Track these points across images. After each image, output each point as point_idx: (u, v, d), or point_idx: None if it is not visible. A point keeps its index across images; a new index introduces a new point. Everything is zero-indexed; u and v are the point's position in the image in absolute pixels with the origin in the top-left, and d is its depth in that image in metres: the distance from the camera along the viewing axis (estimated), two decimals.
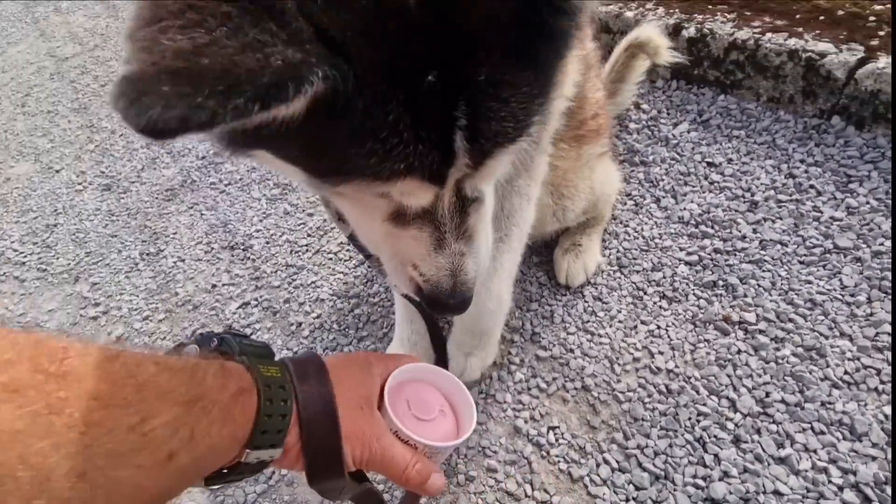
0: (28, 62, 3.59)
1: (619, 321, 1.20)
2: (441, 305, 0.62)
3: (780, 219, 1.29)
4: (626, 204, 1.45)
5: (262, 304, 1.46)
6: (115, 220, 1.96)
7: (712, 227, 1.32)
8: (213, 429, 0.42)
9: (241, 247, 1.67)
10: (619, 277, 1.28)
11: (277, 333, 1.37)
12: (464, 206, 0.58)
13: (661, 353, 1.12)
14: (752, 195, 1.35)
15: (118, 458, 0.36)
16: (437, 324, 1.00)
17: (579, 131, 1.11)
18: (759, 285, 1.17)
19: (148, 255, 1.76)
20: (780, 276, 1.18)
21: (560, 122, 0.93)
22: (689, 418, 1.01)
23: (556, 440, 1.03)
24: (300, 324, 1.37)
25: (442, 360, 1.05)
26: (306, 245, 1.61)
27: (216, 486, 0.50)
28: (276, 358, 0.56)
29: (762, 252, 1.23)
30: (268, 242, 1.66)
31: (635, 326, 1.18)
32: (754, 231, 1.28)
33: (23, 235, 2.00)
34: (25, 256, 1.90)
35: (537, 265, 1.36)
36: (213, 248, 1.71)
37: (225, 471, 0.47)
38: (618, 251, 1.34)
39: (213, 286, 1.57)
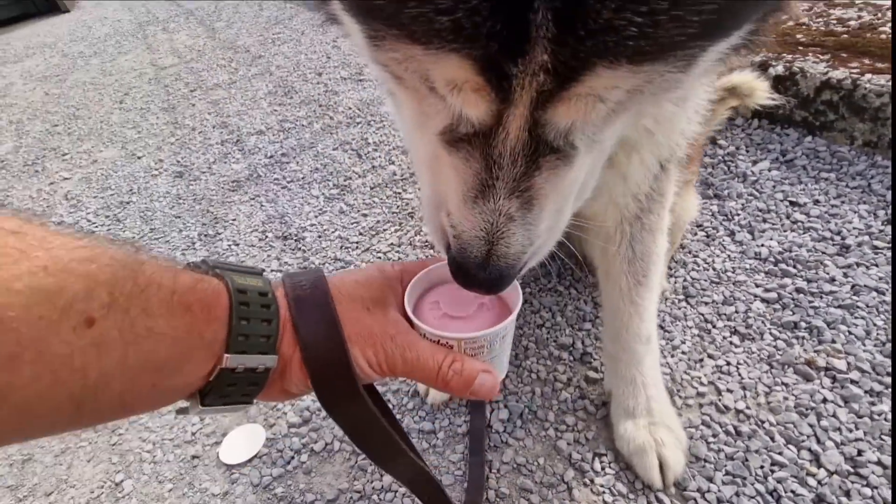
0: (132, 68, 3.97)
1: (683, 352, 1.08)
2: (465, 275, 0.46)
3: (877, 266, 1.15)
4: (696, 234, 1.35)
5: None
6: (181, 203, 2.04)
7: (794, 267, 1.20)
8: (155, 308, 0.38)
9: (294, 238, 1.69)
10: (685, 307, 1.18)
11: None
12: (536, 152, 0.40)
13: (729, 391, 0.99)
14: (843, 238, 1.23)
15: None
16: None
17: None
18: (850, 332, 1.04)
19: (206, 236, 1.80)
20: (875, 325, 1.04)
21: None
22: (762, 466, 0.87)
23: (603, 469, 0.92)
24: None
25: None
26: (357, 242, 1.61)
27: (213, 407, 0.44)
28: None
29: (854, 297, 1.09)
30: (320, 236, 1.67)
31: (701, 360, 1.06)
32: (845, 275, 1.15)
33: (98, 209, 2.12)
34: (97, 226, 2.00)
35: (594, 285, 1.28)
36: (267, 237, 1.73)
37: (212, 379, 0.42)
38: (685, 280, 1.23)
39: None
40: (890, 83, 1.33)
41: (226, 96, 2.97)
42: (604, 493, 0.88)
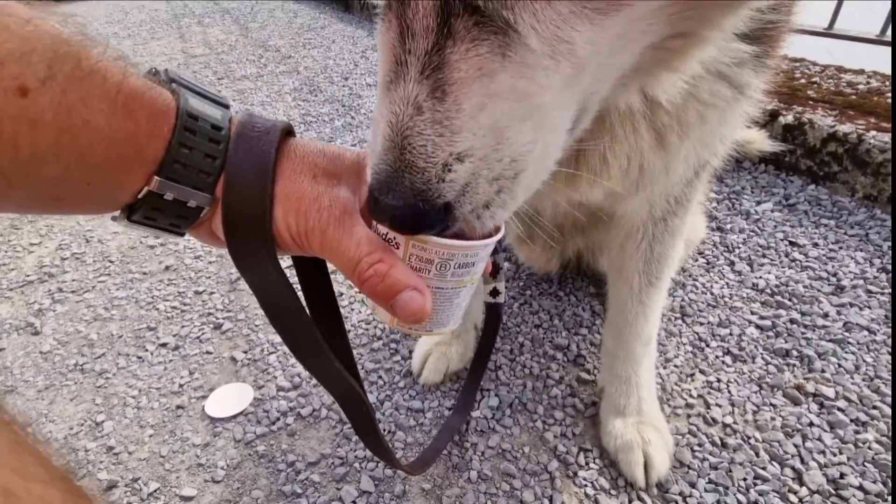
0: (163, 52, 4.07)
1: (676, 365, 1.10)
2: (373, 200, 0.37)
3: (870, 308, 1.18)
4: (697, 260, 1.38)
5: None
6: None
7: (790, 300, 1.22)
8: (95, 101, 0.35)
9: None
10: (681, 325, 1.20)
11: None
12: (447, 11, 0.32)
13: (718, 405, 1.00)
14: (839, 280, 1.26)
15: None
16: (495, 328, 0.92)
17: None
18: (840, 365, 1.06)
19: None
20: (865, 361, 1.06)
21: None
22: (745, 479, 0.88)
23: (587, 463, 0.92)
24: (341, 294, 1.35)
25: (479, 367, 0.99)
26: None
27: (139, 223, 0.41)
28: None
29: (846, 334, 1.12)
30: None
31: (692, 374, 1.07)
32: (838, 312, 1.18)
33: None
34: None
35: (593, 295, 1.30)
36: None
37: (140, 197, 0.40)
38: (682, 300, 1.26)
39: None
40: (892, 141, 1.40)
41: (252, 87, 3.04)
42: (586, 486, 0.88)
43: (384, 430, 0.99)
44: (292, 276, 0.51)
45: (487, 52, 0.33)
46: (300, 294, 0.49)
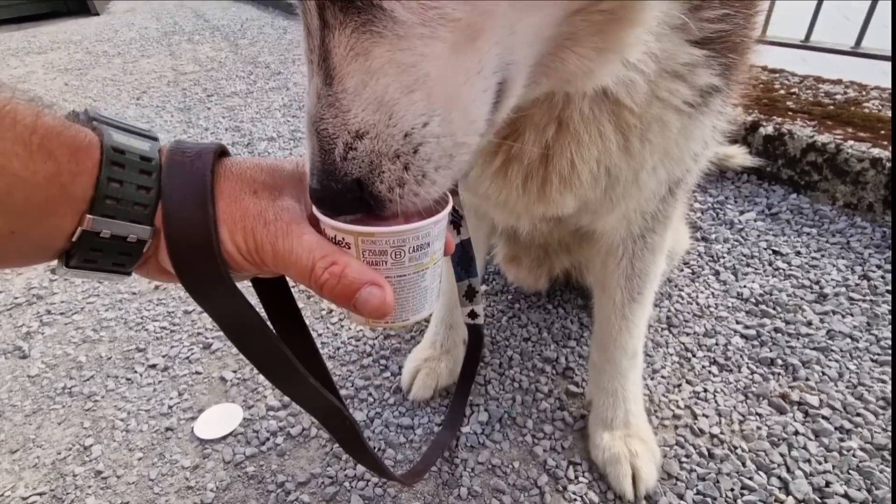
0: (153, 70, 4.09)
1: (663, 376, 1.11)
2: (309, 190, 0.41)
3: (852, 315, 1.20)
4: (682, 271, 1.40)
5: (299, 285, 1.46)
6: None
7: (774, 308, 1.24)
8: (8, 145, 0.34)
9: None
10: (667, 335, 1.21)
11: (307, 315, 1.35)
12: (322, 10, 0.36)
13: (705, 416, 1.01)
14: (822, 288, 1.28)
15: None
16: (478, 345, 0.94)
17: None
18: (824, 373, 1.07)
19: None
20: (848, 368, 1.08)
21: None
22: (732, 489, 0.88)
23: (576, 477, 0.92)
24: (331, 310, 1.35)
25: (465, 385, 0.99)
26: None
27: (79, 269, 0.40)
28: None
29: (829, 342, 1.14)
30: None
31: (679, 385, 1.09)
32: (822, 320, 1.20)
33: None
34: None
35: (581, 307, 1.31)
36: None
37: (75, 239, 0.38)
38: (669, 311, 1.27)
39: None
40: (870, 149, 1.43)
41: (241, 104, 3.06)
42: (576, 500, 0.89)
43: (374, 448, 0.99)
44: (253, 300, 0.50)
45: (355, 32, 0.35)
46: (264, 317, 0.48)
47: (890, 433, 0.95)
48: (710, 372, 1.11)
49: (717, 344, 1.17)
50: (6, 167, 0.34)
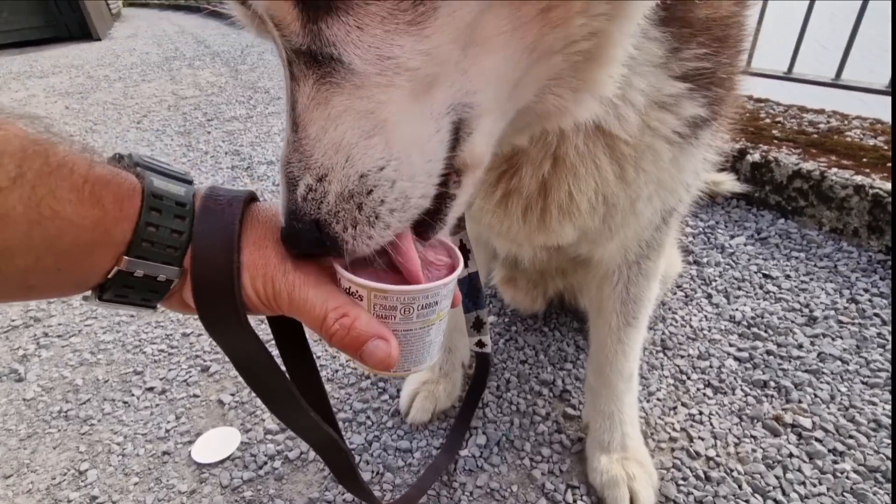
0: (153, 95, 4.15)
1: (659, 399, 1.12)
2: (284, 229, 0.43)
3: (842, 338, 1.23)
4: (675, 294, 1.43)
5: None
6: None
7: (766, 331, 1.27)
8: (64, 193, 0.37)
9: None
10: (662, 358, 1.23)
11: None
12: (290, 64, 0.40)
13: (701, 438, 1.02)
14: (811, 311, 1.31)
15: None
16: (484, 374, 0.95)
17: None
18: (815, 395, 1.09)
19: None
20: (840, 391, 1.10)
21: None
22: None
23: (575, 500, 0.92)
24: None
25: (468, 411, 1.00)
26: None
27: (109, 301, 0.43)
28: None
29: (821, 364, 1.16)
30: None
31: (675, 407, 1.10)
32: (812, 343, 1.22)
33: None
34: None
35: (577, 330, 1.33)
36: None
37: (110, 276, 0.41)
38: (663, 334, 1.29)
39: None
40: (853, 177, 1.48)
41: (241, 128, 3.11)
42: None
43: (372, 472, 0.99)
44: (265, 329, 0.52)
45: (317, 83, 0.39)
46: (273, 348, 0.51)
47: (883, 456, 0.96)
48: (704, 394, 1.12)
49: (710, 366, 1.19)
50: (60, 212, 0.37)
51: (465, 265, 0.69)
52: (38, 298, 0.43)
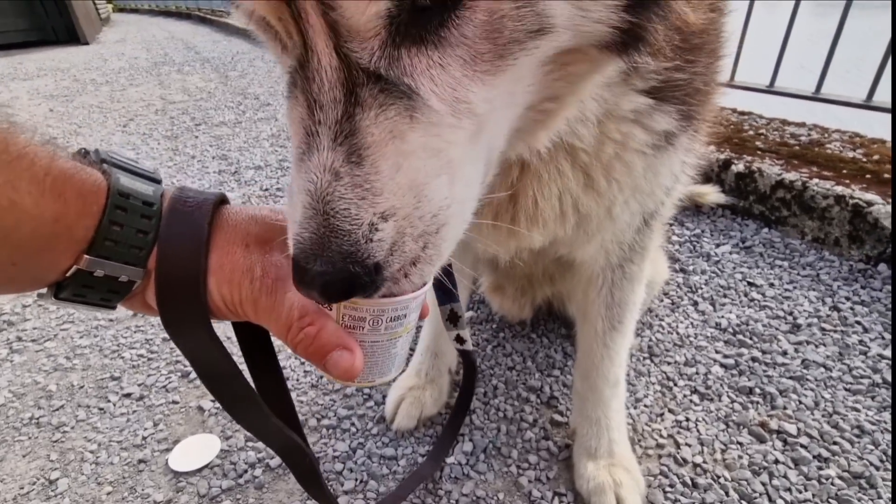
0: (141, 99, 4.11)
1: (646, 405, 1.12)
2: (299, 270, 0.36)
3: (825, 345, 1.24)
4: (662, 301, 1.43)
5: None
6: None
7: (751, 339, 1.27)
8: (23, 184, 0.36)
9: None
10: (649, 365, 1.23)
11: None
12: (352, 80, 0.35)
13: (688, 444, 1.02)
14: (795, 318, 1.32)
15: None
16: (472, 377, 0.93)
17: None
18: (800, 401, 1.10)
19: None
20: (823, 397, 1.10)
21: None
22: None
23: None
24: None
25: (457, 419, 0.99)
26: None
27: (66, 300, 0.41)
28: None
29: (804, 371, 1.17)
30: None
31: (662, 414, 1.10)
32: (796, 350, 1.23)
33: None
34: None
35: (564, 336, 1.33)
36: None
37: (69, 275, 0.40)
38: (650, 340, 1.29)
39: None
40: (833, 187, 1.51)
41: (229, 133, 3.09)
42: None
43: (356, 480, 0.97)
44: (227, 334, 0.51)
45: (396, 116, 0.36)
46: (236, 354, 0.50)
47: (866, 462, 0.96)
48: (691, 401, 1.12)
49: (697, 373, 1.19)
50: (18, 203, 0.36)
51: None
52: None
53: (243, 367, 0.50)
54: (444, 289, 0.74)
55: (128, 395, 1.17)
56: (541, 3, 0.36)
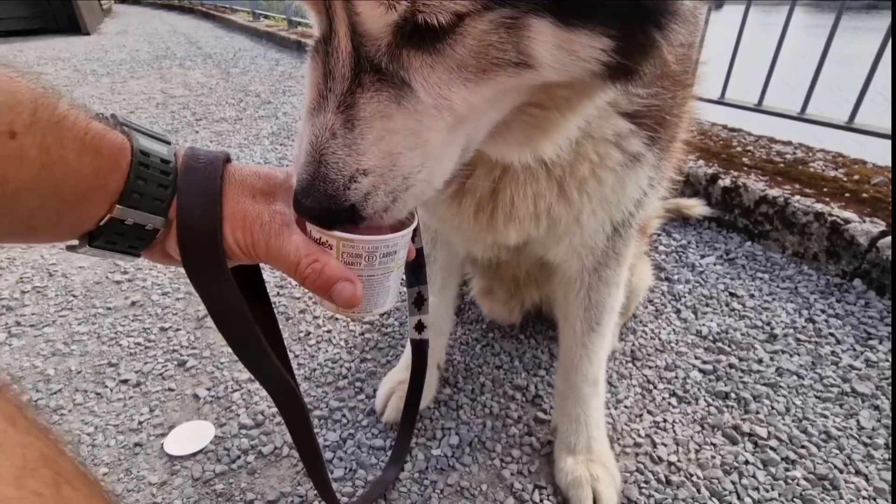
0: (142, 92, 4.13)
1: (626, 406, 1.16)
2: (296, 202, 0.47)
3: (799, 355, 1.29)
4: (647, 308, 1.48)
5: (279, 308, 1.48)
6: None
7: (729, 346, 1.33)
8: (69, 142, 0.41)
9: None
10: (631, 368, 1.28)
11: (285, 336, 1.37)
12: (359, 66, 0.44)
13: (664, 444, 1.07)
14: (772, 329, 1.38)
15: None
16: (422, 370, 0.89)
17: None
18: (772, 407, 1.15)
19: None
20: (794, 403, 1.16)
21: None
22: None
23: (542, 500, 0.95)
24: (309, 333, 1.38)
25: (409, 415, 0.98)
26: None
27: (100, 248, 0.47)
28: None
29: (778, 378, 1.22)
30: None
31: (641, 415, 1.14)
32: (772, 359, 1.28)
33: None
34: None
35: (551, 338, 1.37)
36: None
37: (102, 223, 0.46)
38: (633, 345, 1.34)
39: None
40: (814, 204, 1.57)
41: (230, 129, 3.12)
42: None
43: (345, 469, 1.01)
44: None
45: (387, 100, 0.44)
46: None
47: (831, 465, 1.01)
48: (669, 403, 1.17)
49: (676, 377, 1.24)
50: (66, 159, 0.41)
51: (413, 240, 0.72)
52: (36, 241, 0.46)
53: None
54: (414, 270, 0.75)
55: (125, 382, 1.20)
56: (523, 42, 0.42)
